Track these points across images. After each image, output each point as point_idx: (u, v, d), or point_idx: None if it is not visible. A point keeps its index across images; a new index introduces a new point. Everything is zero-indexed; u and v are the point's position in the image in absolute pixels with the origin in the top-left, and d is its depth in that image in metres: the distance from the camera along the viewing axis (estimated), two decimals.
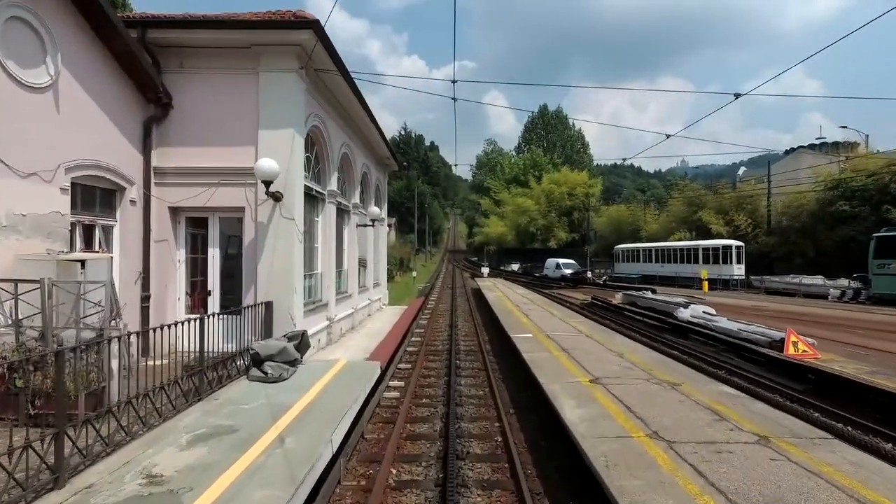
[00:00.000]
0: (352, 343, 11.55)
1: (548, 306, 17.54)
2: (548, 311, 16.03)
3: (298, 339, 7.74)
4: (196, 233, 9.06)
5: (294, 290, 8.41)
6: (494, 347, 12.60)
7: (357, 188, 14.61)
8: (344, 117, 12.22)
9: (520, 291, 24.32)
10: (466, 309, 21.21)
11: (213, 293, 8.83)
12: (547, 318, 13.93)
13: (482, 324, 16.70)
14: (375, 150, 16.87)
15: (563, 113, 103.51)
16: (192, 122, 8.56)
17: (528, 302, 19.04)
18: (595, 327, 12.53)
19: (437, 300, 24.94)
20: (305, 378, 7.11)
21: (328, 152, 11.05)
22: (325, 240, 11.33)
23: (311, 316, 10.09)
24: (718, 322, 13.00)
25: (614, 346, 9.63)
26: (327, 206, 11.36)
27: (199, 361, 6.04)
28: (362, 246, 16.21)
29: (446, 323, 16.96)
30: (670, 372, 7.36)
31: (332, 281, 11.57)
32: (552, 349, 9.16)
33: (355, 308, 14.31)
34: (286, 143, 8.39)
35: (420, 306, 20.14)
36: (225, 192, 8.54)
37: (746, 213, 37.19)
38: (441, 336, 14.51)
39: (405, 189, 76.73)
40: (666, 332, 14.58)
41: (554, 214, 67.54)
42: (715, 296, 26.20)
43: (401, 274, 39.41)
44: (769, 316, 17.90)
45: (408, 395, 8.30)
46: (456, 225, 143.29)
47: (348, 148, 13.05)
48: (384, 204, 20.39)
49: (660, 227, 46.53)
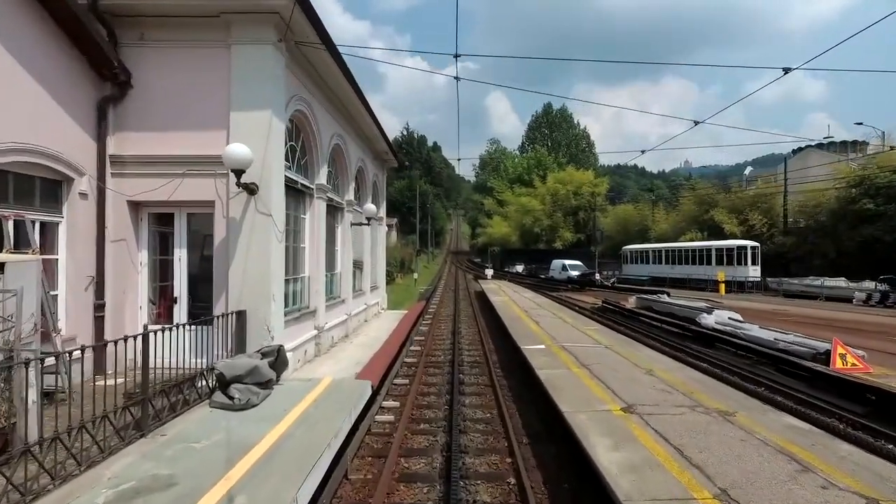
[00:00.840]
0: (343, 355, 10.42)
1: (558, 311, 16.39)
2: (559, 316, 14.88)
3: (274, 355, 6.62)
4: (161, 231, 7.96)
5: (271, 298, 7.29)
6: (501, 359, 11.45)
7: (351, 184, 13.50)
8: (335, 104, 11.10)
9: (527, 295, 23.16)
10: (470, 314, 20.06)
11: (180, 301, 7.71)
12: (559, 326, 12.78)
13: (487, 331, 15.55)
14: (372, 143, 15.76)
15: (567, 111, 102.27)
16: (155, 104, 7.46)
17: (537, 307, 17.90)
18: (614, 336, 11.37)
19: (439, 304, 23.81)
20: (280, 403, 5.99)
21: (316, 142, 9.94)
22: (314, 239, 10.21)
23: (296, 325, 8.98)
24: (750, 330, 11.82)
25: (640, 360, 8.47)
26: (315, 201, 10.25)
27: (141, 388, 4.92)
28: (358, 246, 15.10)
29: (448, 330, 15.83)
30: (715, 395, 6.21)
31: (321, 285, 10.45)
32: (570, 364, 8.01)
33: (349, 314, 13.20)
34: (262, 127, 7.28)
35: (421, 311, 19.00)
36: (193, 184, 7.43)
37: (761, 213, 35.90)
38: (443, 345, 13.37)
39: (407, 189, 75.62)
40: (688, 341, 13.40)
41: (559, 214, 66.35)
42: (732, 299, 24.97)
43: (402, 276, 38.30)
44: (796, 321, 16.70)
45: (403, 418, 7.17)
46: (459, 226, 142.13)
47: (341, 139, 11.94)
48: (382, 202, 19.28)
49: (669, 226, 45.27)
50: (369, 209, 13.62)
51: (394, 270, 35.27)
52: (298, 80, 8.71)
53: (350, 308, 13.29)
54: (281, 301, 7.80)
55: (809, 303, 24.43)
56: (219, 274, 7.38)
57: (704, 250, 35.16)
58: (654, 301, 18.04)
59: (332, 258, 12.45)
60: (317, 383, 6.97)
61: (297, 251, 9.59)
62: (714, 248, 34.31)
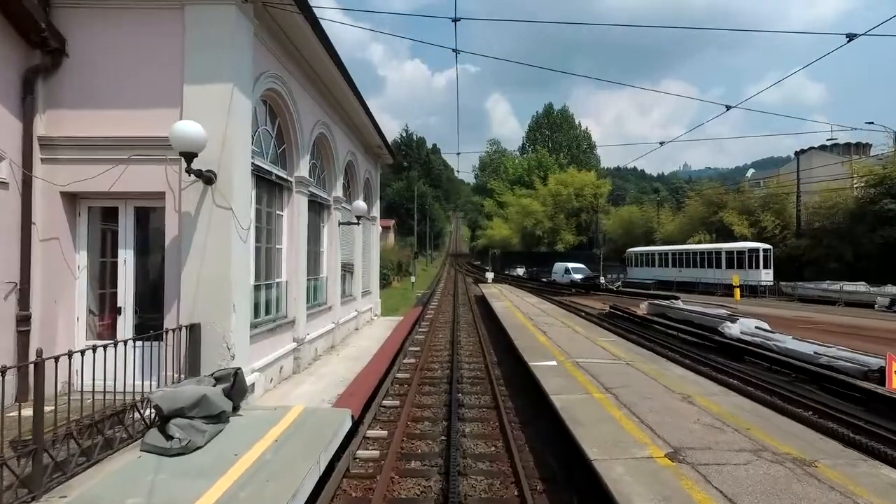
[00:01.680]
0: (326, 370, 9.22)
1: (566, 319, 15.19)
2: (568, 325, 13.68)
3: (230, 380, 5.42)
4: (105, 228, 6.76)
5: (231, 308, 6.08)
6: (506, 374, 10.25)
7: (339, 179, 12.32)
8: (318, 87, 9.93)
9: (530, 300, 21.96)
10: (470, 321, 18.85)
11: (125, 311, 6.51)
12: (570, 337, 11.57)
13: (489, 340, 14.35)
14: (363, 135, 14.58)
15: (568, 112, 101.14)
16: (95, 76, 6.29)
17: (542, 313, 16.70)
18: (632, 350, 10.17)
19: (437, 310, 22.59)
20: (232, 443, 4.79)
21: (296, 128, 8.76)
22: (293, 240, 9.03)
23: (269, 339, 7.79)
24: (783, 342, 10.63)
25: (671, 381, 7.26)
26: (295, 196, 9.06)
27: (34, 433, 3.71)
28: (348, 248, 13.91)
29: (446, 339, 14.62)
30: (779, 433, 5.00)
31: (301, 292, 9.26)
32: (590, 388, 6.80)
33: (337, 323, 12.00)
34: (221, 103, 6.09)
35: (417, 317, 17.80)
36: (140, 172, 6.24)
37: (773, 214, 34.71)
38: (440, 357, 12.16)
39: (405, 190, 74.37)
40: (712, 353, 12.21)
41: (561, 216, 65.16)
42: (747, 304, 23.76)
43: (399, 279, 37.09)
44: (822, 330, 15.52)
45: (391, 454, 5.96)
46: (458, 228, 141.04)
47: (326, 128, 10.77)
48: (376, 201, 18.10)
49: (676, 228, 44.08)
50: (359, 207, 12.42)
51: (390, 274, 34.06)
52: (272, 54, 7.54)
53: (338, 316, 12.09)
54: (246, 312, 6.59)
55: (828, 308, 23.23)
56: (170, 280, 6.18)
57: (714, 253, 33.99)
58: (668, 307, 16.85)
59: (317, 261, 11.26)
60: (284, 413, 5.76)
61: (272, 253, 8.40)
62: (724, 251, 33.14)
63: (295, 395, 7.51)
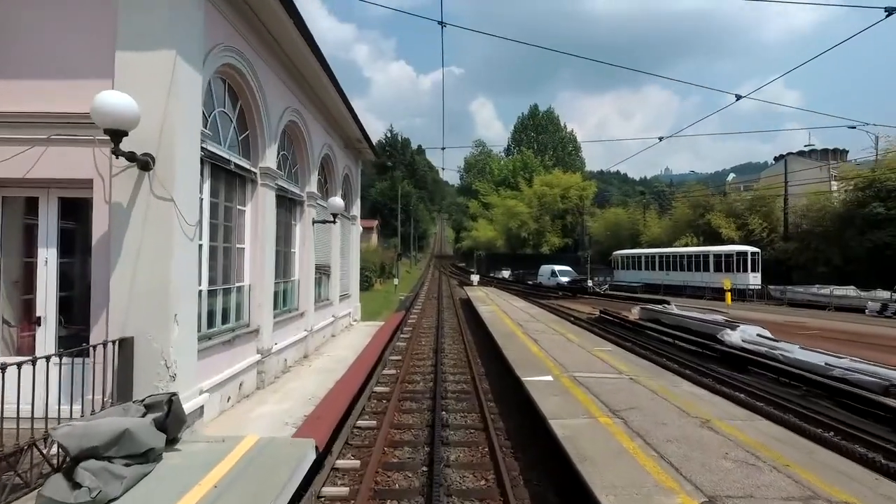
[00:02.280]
0: (294, 385, 8.26)
1: (556, 325, 14.40)
2: (559, 332, 12.88)
3: (164, 408, 4.44)
4: (29, 223, 5.72)
5: (172, 320, 5.11)
6: (495, 387, 9.40)
7: (314, 174, 11.36)
8: (289, 70, 8.98)
9: (517, 304, 21.16)
10: (455, 326, 17.98)
11: (46, 322, 5.47)
12: (563, 346, 10.76)
13: (476, 348, 13.49)
14: (342, 127, 13.63)
15: (554, 114, 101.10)
16: (12, 40, 5.27)
17: (531, 318, 15.90)
18: (634, 361, 9.39)
19: (421, 314, 21.66)
20: (158, 492, 3.83)
21: (261, 113, 7.81)
22: (258, 238, 8.05)
23: (226, 352, 6.82)
24: (791, 352, 9.96)
25: (683, 400, 6.46)
26: (260, 190, 8.09)
27: None
28: (324, 249, 12.93)
29: (430, 347, 13.72)
30: (828, 473, 4.20)
31: (267, 297, 8.28)
32: (593, 409, 5.97)
33: (310, 330, 11.02)
34: (162, 74, 5.12)
35: (399, 323, 16.87)
36: (65, 156, 5.24)
37: (760, 216, 34.55)
38: (423, 367, 11.26)
39: (389, 190, 73.19)
40: (713, 362, 11.53)
41: (547, 218, 64.73)
42: (738, 309, 23.32)
43: (381, 282, 36.04)
44: (819, 336, 15.01)
45: (363, 491, 5.06)
46: (443, 230, 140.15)
47: (298, 116, 9.81)
48: (356, 199, 17.14)
49: (662, 231, 43.84)
50: (335, 204, 11.45)
51: (372, 276, 33.03)
52: (230, 24, 6.58)
53: (311, 322, 11.12)
54: (192, 322, 5.61)
55: (819, 313, 22.92)
56: (98, 284, 5.19)
57: (702, 256, 33.70)
58: (662, 313, 16.19)
59: (288, 262, 10.28)
60: (233, 446, 4.81)
61: (232, 253, 7.41)
62: (712, 254, 32.85)
63: (254, 416, 6.55)
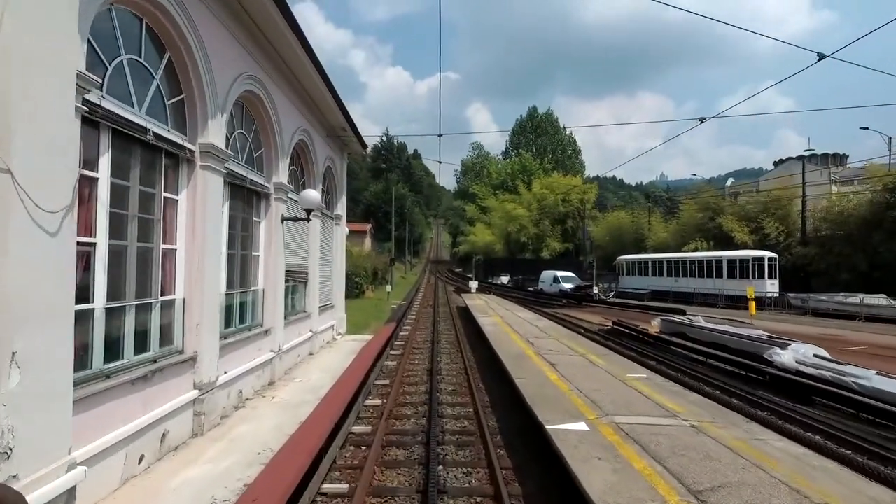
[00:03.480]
0: (243, 430, 6.38)
1: (571, 342, 12.51)
2: (578, 352, 11.01)
3: None
4: None
5: (8, 361, 3.22)
6: (506, 426, 7.52)
7: (284, 161, 9.52)
8: (246, 26, 7.15)
9: (521, 314, 19.27)
10: (452, 340, 16.09)
11: None
12: (587, 371, 8.87)
13: (478, 369, 11.62)
14: (322, 111, 11.80)
15: (553, 116, 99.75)
16: None
17: (541, 333, 14.02)
18: (682, 395, 7.46)
19: (415, 325, 19.75)
20: None
21: (197, 70, 5.96)
22: (197, 238, 6.19)
23: (139, 392, 4.93)
24: (867, 379, 8.13)
25: (789, 470, 4.49)
26: (200, 174, 6.24)
27: None
28: (300, 252, 11.08)
29: (424, 368, 11.83)
30: None
31: (210, 314, 6.41)
32: (668, 495, 4.06)
33: (279, 350, 9.15)
34: None
35: (390, 336, 14.99)
36: None
37: (776, 219, 32.85)
38: (415, 397, 9.36)
39: (383, 192, 71.29)
40: (760, 387, 9.71)
41: (547, 223, 63.06)
42: (763, 319, 21.54)
43: (374, 289, 34.12)
44: (867, 353, 13.24)
45: None
46: (440, 234, 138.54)
47: (259, 87, 7.98)
48: (342, 196, 15.30)
49: (670, 235, 42.12)
50: (309, 197, 9.56)
51: (363, 282, 31.12)
52: None
53: (280, 341, 9.24)
54: (60, 360, 3.71)
55: (850, 324, 21.17)
56: None
57: (714, 261, 31.95)
58: (688, 326, 14.35)
59: (248, 269, 8.41)
60: None
61: (150, 257, 5.52)
62: (726, 259, 31.10)
63: (173, 486, 4.66)
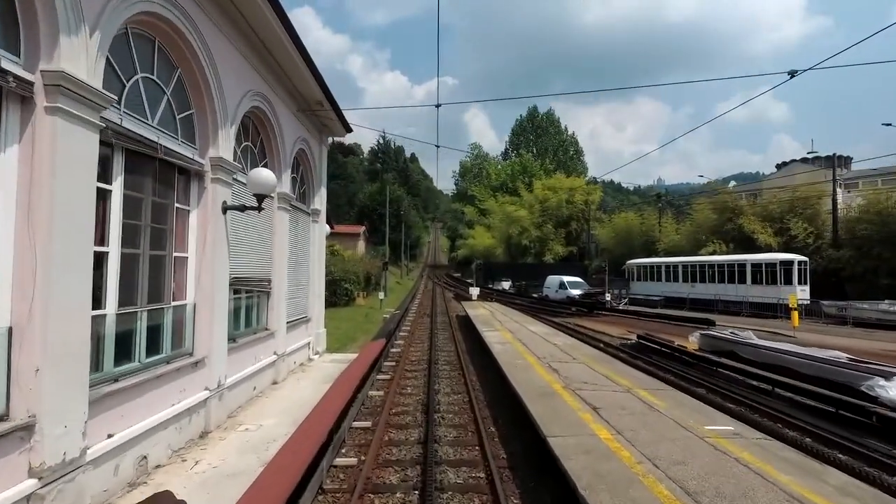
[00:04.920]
0: None
1: (607, 368, 10.09)
2: (623, 386, 8.60)
3: None
4: None
5: None
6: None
7: (225, 129, 7.20)
8: None
9: (532, 327, 16.88)
10: (453, 360, 13.72)
11: None
12: (651, 424, 6.42)
13: (487, 404, 9.26)
14: (287, 73, 9.46)
15: (554, 116, 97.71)
16: None
17: (563, 355, 11.63)
18: (811, 470, 5.11)
19: (409, 340, 17.34)
20: None
21: None
22: (43, 228, 3.83)
23: None
24: None
25: None
26: (50, 124, 3.88)
27: None
28: (258, 252, 8.73)
29: (419, 401, 9.45)
30: None
31: (77, 349, 4.03)
32: None
33: (220, 386, 6.79)
34: None
35: (378, 355, 12.57)
36: None
37: (804, 220, 30.58)
38: (404, 450, 6.98)
39: (378, 193, 68.88)
40: (863, 432, 7.37)
41: (550, 225, 60.79)
42: (806, 332, 19.20)
43: (365, 295, 31.70)
44: None
45: None
46: (437, 238, 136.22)
47: (172, 12, 5.65)
48: (319, 187, 12.97)
49: (683, 238, 39.84)
50: (260, 179, 7.13)
51: (354, 289, 28.70)
52: None
53: (220, 373, 6.86)
54: None
55: None
56: None
57: (737, 266, 29.64)
58: (739, 344, 11.99)
59: (162, 275, 6.04)
60: None
61: None
62: (750, 264, 28.79)
63: None
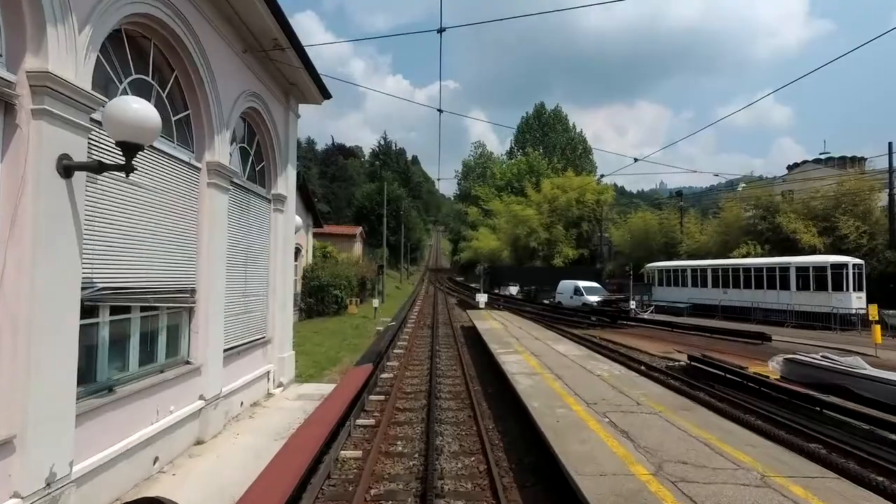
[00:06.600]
0: None
1: (689, 421, 7.25)
2: (745, 464, 5.76)
3: None
4: None
5: None
6: None
7: (86, 54, 4.30)
8: None
9: (560, 347, 13.90)
10: (461, 392, 10.83)
11: None
12: None
13: (517, 470, 6.36)
14: None
15: (562, 112, 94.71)
16: None
17: (620, 397, 8.73)
18: None
19: (405, 360, 14.41)
20: None
21: None
22: None
23: None
24: None
25: None
26: None
27: None
28: (167, 246, 5.83)
29: (407, 468, 6.57)
30: None
31: None
32: None
33: (53, 482, 3.86)
34: None
35: (362, 387, 9.66)
36: None
37: (856, 218, 27.57)
38: None
39: (377, 193, 66.05)
40: None
41: (559, 226, 57.84)
42: (890, 350, 16.19)
43: (359, 302, 28.80)
44: None
45: None
46: (439, 241, 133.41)
47: None
48: (286, 167, 10.10)
49: (710, 239, 36.87)
50: (127, 115, 4.21)
51: (344, 295, 25.79)
52: None
53: (54, 459, 3.93)
54: None
55: None
56: None
57: (778, 269, 26.64)
58: (852, 377, 9.01)
59: None
60: None
61: None
62: (794, 267, 25.80)
63: None
